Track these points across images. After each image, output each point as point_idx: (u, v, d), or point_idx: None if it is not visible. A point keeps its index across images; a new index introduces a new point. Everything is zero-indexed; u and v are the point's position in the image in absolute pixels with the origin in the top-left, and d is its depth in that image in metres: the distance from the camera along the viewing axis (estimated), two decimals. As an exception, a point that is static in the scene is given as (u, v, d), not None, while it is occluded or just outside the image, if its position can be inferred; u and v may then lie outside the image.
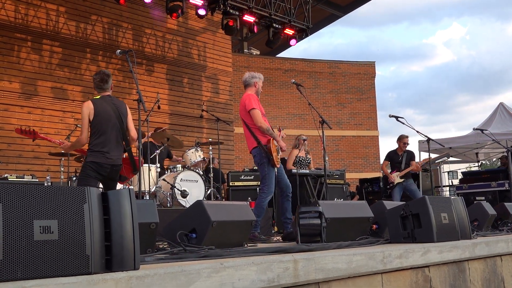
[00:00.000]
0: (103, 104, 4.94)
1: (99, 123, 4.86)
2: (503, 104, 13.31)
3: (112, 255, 2.17)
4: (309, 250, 3.24)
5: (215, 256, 3.00)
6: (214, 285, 2.41)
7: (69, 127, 9.79)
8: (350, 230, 4.12)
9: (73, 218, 2.08)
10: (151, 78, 11.79)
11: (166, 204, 7.39)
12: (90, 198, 2.16)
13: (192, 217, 3.62)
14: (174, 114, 12.02)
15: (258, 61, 16.52)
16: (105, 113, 4.90)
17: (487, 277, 4.36)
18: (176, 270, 2.28)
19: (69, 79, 10.54)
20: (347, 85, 17.33)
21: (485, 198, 10.02)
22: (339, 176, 9.66)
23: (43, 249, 1.96)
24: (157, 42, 12.09)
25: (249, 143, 5.68)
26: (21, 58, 10.00)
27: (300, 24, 11.87)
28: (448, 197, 4.75)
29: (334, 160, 16.11)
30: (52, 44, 10.43)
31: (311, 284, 2.93)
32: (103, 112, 4.89)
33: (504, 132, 11.98)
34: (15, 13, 10.01)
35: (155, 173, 7.54)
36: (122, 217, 2.23)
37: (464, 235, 4.28)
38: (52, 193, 2.06)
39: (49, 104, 10.14)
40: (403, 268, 3.53)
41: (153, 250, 3.21)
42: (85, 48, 10.88)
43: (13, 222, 1.91)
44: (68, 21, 10.71)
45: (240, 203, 4.29)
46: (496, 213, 5.89)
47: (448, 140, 12.74)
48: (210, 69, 13.07)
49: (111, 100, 5.05)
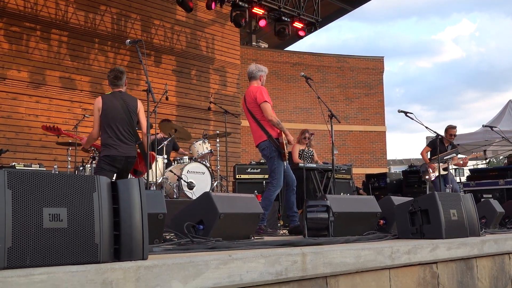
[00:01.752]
0: (112, 100, 5.13)
1: (107, 118, 5.05)
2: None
3: (120, 245, 2.17)
4: (317, 244, 3.23)
5: (223, 248, 2.99)
6: (222, 277, 2.40)
7: (76, 117, 9.81)
8: (357, 225, 4.10)
9: (83, 207, 2.07)
10: (159, 69, 11.79)
11: (173, 195, 7.39)
12: (99, 186, 2.15)
13: (200, 208, 3.61)
14: (181, 106, 12.02)
15: (267, 54, 16.47)
16: (113, 108, 5.08)
17: (495, 274, 4.34)
18: (184, 261, 2.28)
19: (77, 69, 10.55)
20: (355, 80, 17.26)
21: (492, 196, 9.96)
22: (346, 171, 9.63)
23: (52, 237, 1.96)
24: (165, 33, 12.08)
25: (257, 136, 5.64)
26: (30, 47, 10.02)
27: (309, 17, 11.82)
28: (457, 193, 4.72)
29: (340, 155, 16.07)
30: (61, 33, 10.44)
31: (319, 278, 2.92)
32: (111, 107, 5.08)
33: (513, 129, 11.90)
34: (24, 2, 10.02)
35: (162, 164, 7.55)
36: (131, 207, 2.22)
37: (473, 232, 4.26)
38: (62, 181, 2.06)
39: (57, 94, 10.17)
40: (411, 264, 3.51)
41: (160, 240, 3.21)
42: (94, 38, 10.89)
43: (22, 209, 1.91)
44: (77, 11, 10.71)
45: (247, 195, 4.28)
46: (504, 211, 5.85)
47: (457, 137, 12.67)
48: (218, 61, 13.05)
49: (121, 95, 5.21)
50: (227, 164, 9.47)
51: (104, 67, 10.94)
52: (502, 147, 14.18)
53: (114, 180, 2.28)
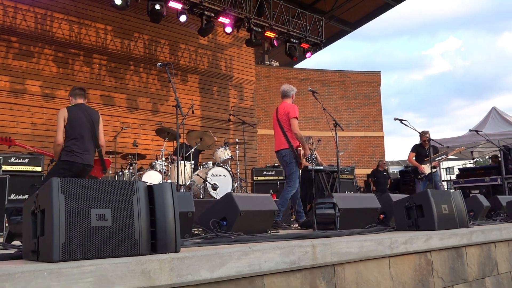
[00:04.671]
0: (77, 111, 4.89)
1: (73, 127, 4.80)
2: (495, 108, 13.06)
3: (156, 239, 2.17)
4: (325, 237, 3.23)
5: (244, 241, 3.00)
6: (244, 266, 2.41)
7: (115, 129, 9.91)
8: (360, 219, 4.08)
9: (124, 207, 2.09)
10: (185, 86, 11.87)
11: (199, 195, 7.43)
12: (138, 190, 2.17)
13: (223, 207, 3.63)
14: (205, 118, 12.08)
15: (278, 72, 16.47)
16: (78, 119, 4.85)
17: (482, 261, 4.29)
18: (211, 253, 2.29)
19: (115, 88, 10.68)
20: (356, 92, 17.17)
21: (479, 192, 9.84)
22: (349, 172, 9.60)
23: (99, 234, 1.98)
24: (190, 55, 12.17)
25: (280, 143, 5.76)
26: (75, 70, 10.18)
27: (314, 38, 11.83)
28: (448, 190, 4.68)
29: (344, 157, 15.97)
30: (101, 58, 10.58)
31: (328, 266, 2.92)
32: (76, 118, 4.84)
33: (496, 133, 11.76)
34: (69, 32, 10.20)
35: (189, 169, 7.60)
36: (165, 207, 2.23)
37: (462, 224, 4.22)
38: (106, 186, 2.08)
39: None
40: (408, 252, 3.49)
41: (190, 235, 3.23)
42: (129, 61, 11.02)
43: (73, 211, 1.93)
44: (114, 38, 10.85)
45: (264, 195, 4.29)
46: (490, 205, 5.78)
47: (446, 140, 12.55)
48: (236, 78, 13.10)
49: (84, 107, 5.00)
50: (246, 168, 9.50)
51: (138, 85, 11.06)
52: (487, 149, 14.01)
53: (151, 184, 2.30)
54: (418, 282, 3.55)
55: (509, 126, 12.22)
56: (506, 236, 4.61)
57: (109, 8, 9.84)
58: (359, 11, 15.45)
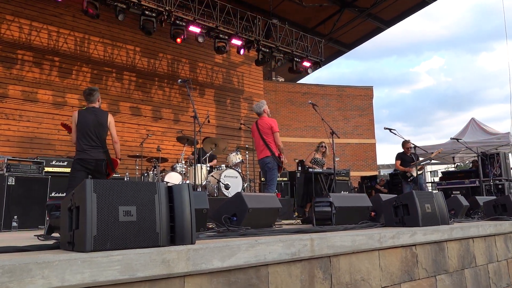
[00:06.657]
0: (86, 114, 4.79)
1: (81, 129, 4.74)
2: (474, 119, 12.93)
3: (175, 233, 2.18)
4: (322, 231, 3.22)
5: (251, 235, 3.00)
6: (251, 256, 2.41)
7: (142, 136, 10.00)
8: (353, 216, 4.06)
9: (147, 205, 2.10)
10: (203, 99, 11.93)
11: (214, 194, 7.44)
12: (159, 190, 2.17)
13: (234, 204, 3.63)
14: (219, 126, 12.11)
15: (283, 86, 16.48)
16: (86, 121, 4.75)
17: (462, 254, 4.24)
18: (222, 245, 2.29)
19: (142, 101, 10.76)
20: (351, 104, 17.11)
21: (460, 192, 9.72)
22: (345, 174, 9.55)
23: (126, 228, 1.99)
24: (207, 72, 12.23)
25: (263, 153, 5.84)
26: (108, 85, 10.27)
27: (315, 58, 11.83)
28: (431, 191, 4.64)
29: (341, 162, 15.87)
30: (130, 74, 10.68)
31: (324, 257, 2.91)
32: (84, 120, 4.75)
33: (475, 141, 11.65)
34: (104, 52, 10.31)
35: (205, 171, 7.61)
36: (183, 204, 2.23)
37: (443, 221, 4.18)
38: (132, 186, 2.09)
39: (128, 119, 10.37)
40: (395, 246, 3.46)
41: (205, 229, 3.24)
42: (154, 77, 11.10)
43: (104, 207, 1.95)
44: (142, 57, 10.95)
45: (269, 194, 4.29)
46: (469, 204, 5.72)
47: (430, 147, 12.42)
48: (246, 92, 13.13)
49: (94, 110, 4.84)
50: (254, 171, 9.50)
51: (162, 98, 11.13)
52: (467, 155, 13.86)
53: (171, 185, 2.31)
54: (405, 272, 3.51)
55: (486, 135, 12.10)
56: (482, 233, 4.56)
57: (137, 32, 9.94)
58: (354, 34, 15.45)
